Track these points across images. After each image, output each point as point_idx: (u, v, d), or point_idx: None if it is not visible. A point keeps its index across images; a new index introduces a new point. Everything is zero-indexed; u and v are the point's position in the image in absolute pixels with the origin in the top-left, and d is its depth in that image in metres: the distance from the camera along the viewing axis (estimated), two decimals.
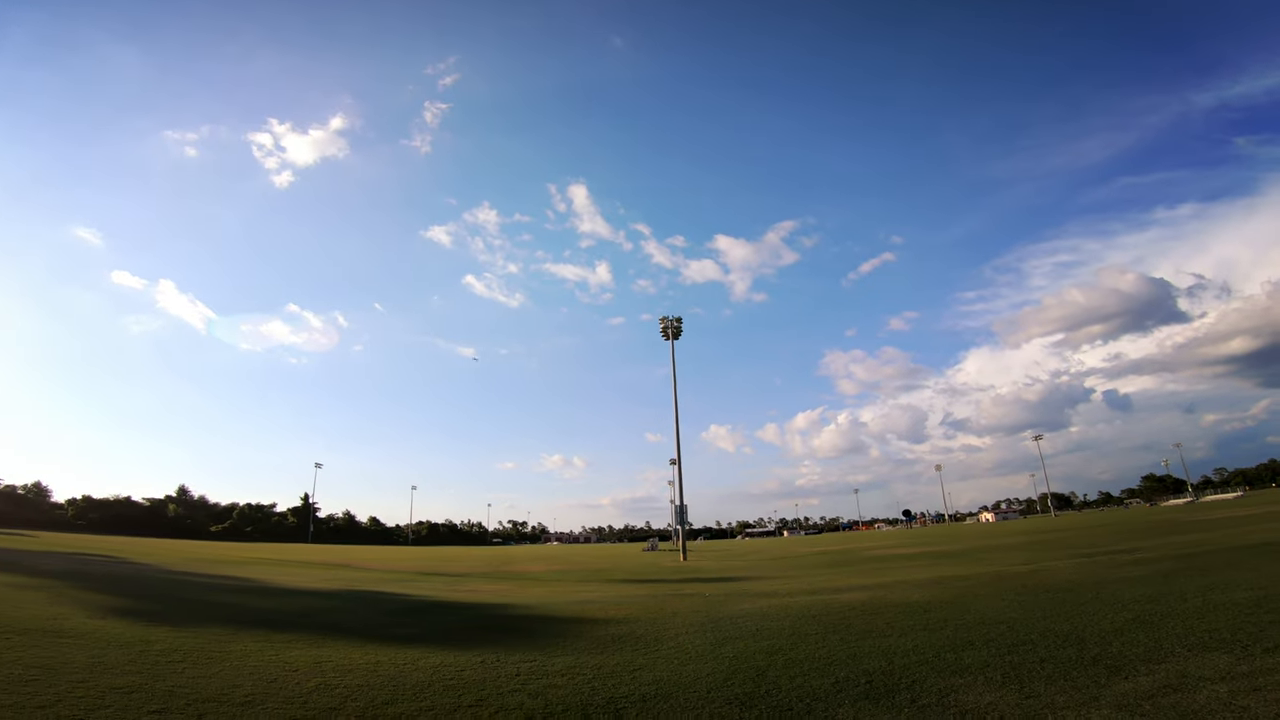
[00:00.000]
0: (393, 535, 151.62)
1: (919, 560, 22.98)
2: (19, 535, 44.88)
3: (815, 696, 5.31)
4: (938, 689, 5.37)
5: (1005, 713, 4.68)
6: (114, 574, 17.84)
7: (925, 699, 5.12)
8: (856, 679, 5.80)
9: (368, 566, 30.03)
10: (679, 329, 47.37)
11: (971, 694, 5.17)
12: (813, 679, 5.87)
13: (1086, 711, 4.61)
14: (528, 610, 12.01)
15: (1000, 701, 4.94)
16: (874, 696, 5.25)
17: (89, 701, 4.92)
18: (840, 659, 6.62)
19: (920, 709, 4.88)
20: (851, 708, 4.98)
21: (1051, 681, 5.40)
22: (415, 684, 5.93)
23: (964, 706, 4.87)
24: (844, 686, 5.58)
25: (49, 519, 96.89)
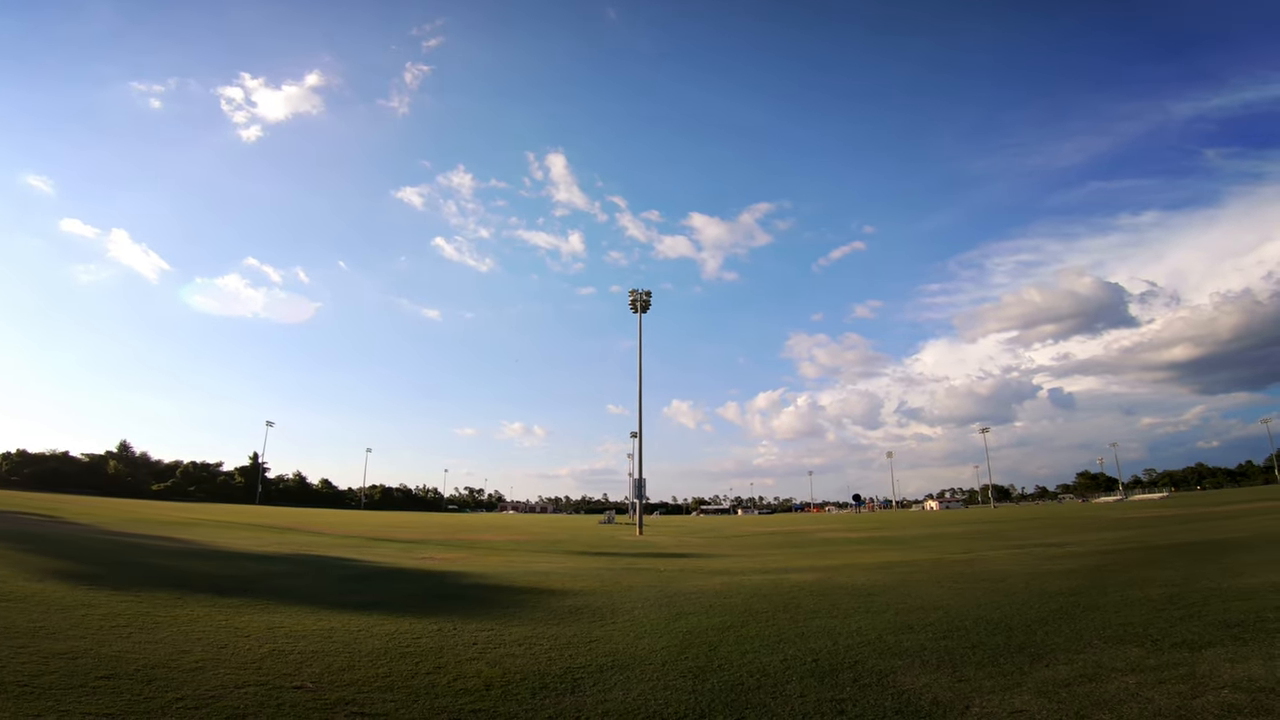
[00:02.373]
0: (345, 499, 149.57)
1: (866, 545, 23.83)
2: None
3: (765, 672, 5.57)
4: (878, 670, 5.68)
5: (938, 694, 5.00)
6: (51, 534, 17.28)
7: (866, 679, 5.41)
8: (804, 657, 6.09)
9: (319, 530, 29.67)
10: (648, 302, 47.33)
11: (909, 676, 5.50)
12: (763, 655, 6.14)
13: (1010, 696, 4.95)
14: (484, 579, 12.12)
15: (934, 684, 5.27)
16: (819, 675, 5.53)
17: (33, 667, 4.82)
18: (789, 637, 6.92)
19: (861, 688, 5.17)
20: (799, 684, 5.25)
21: (980, 666, 5.76)
22: (371, 651, 5.99)
23: (901, 687, 5.18)
24: (792, 664, 5.85)
25: None
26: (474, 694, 4.82)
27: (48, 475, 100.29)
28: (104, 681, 4.62)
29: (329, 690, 4.76)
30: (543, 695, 4.85)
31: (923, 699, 4.90)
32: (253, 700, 4.41)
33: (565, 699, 4.78)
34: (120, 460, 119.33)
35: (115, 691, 4.40)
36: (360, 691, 4.76)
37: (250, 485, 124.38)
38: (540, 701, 4.71)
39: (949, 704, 4.79)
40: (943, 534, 29.73)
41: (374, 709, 4.40)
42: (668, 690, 5.04)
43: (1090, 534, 23.97)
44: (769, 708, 4.68)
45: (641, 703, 4.73)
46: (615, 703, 4.72)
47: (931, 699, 4.89)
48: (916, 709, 4.69)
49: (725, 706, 4.68)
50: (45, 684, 4.45)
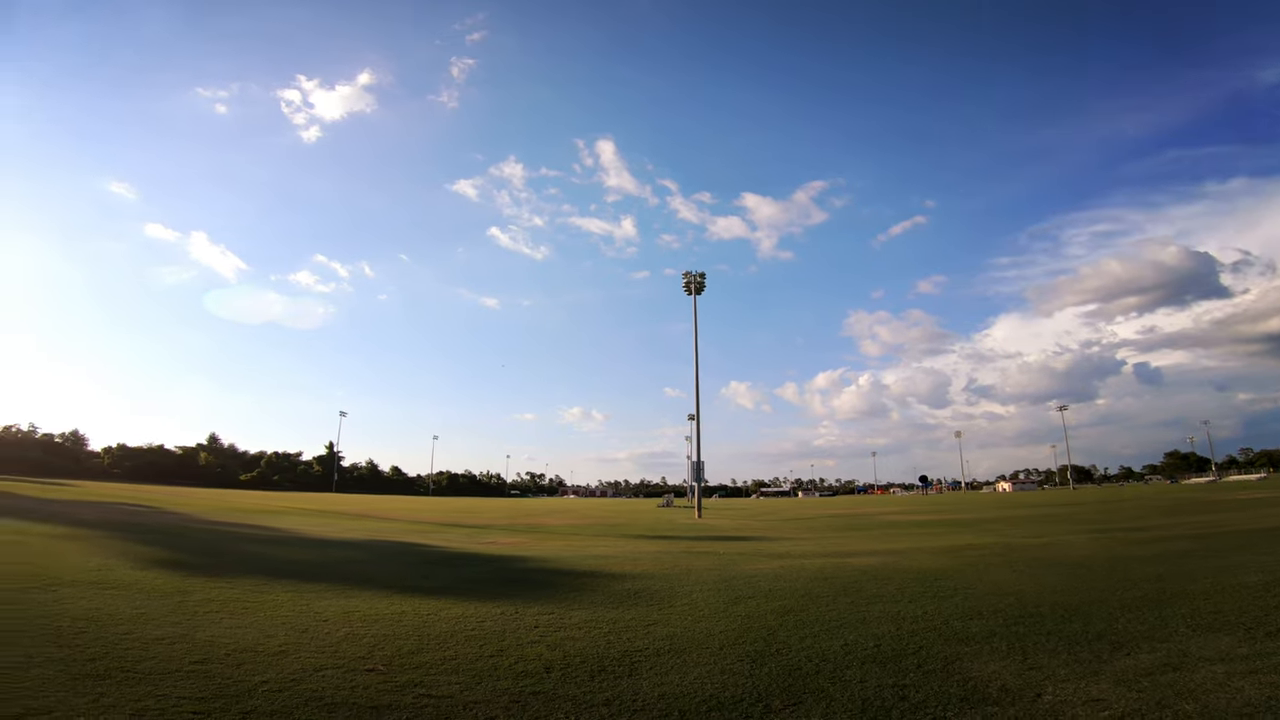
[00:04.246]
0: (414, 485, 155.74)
1: (932, 527, 23.15)
2: (59, 485, 46.93)
3: (824, 657, 5.50)
4: (944, 656, 5.52)
5: (1007, 681, 4.82)
6: (151, 524, 18.66)
7: (931, 665, 5.27)
8: (865, 642, 5.98)
9: (391, 517, 31.03)
10: (702, 284, 47.01)
11: (976, 662, 5.32)
12: (822, 640, 6.06)
13: (1085, 684, 4.72)
14: (545, 563, 12.41)
15: (1003, 671, 5.08)
16: (881, 660, 5.42)
17: (136, 653, 5.18)
18: (850, 622, 6.81)
19: (926, 674, 5.04)
20: (859, 669, 5.16)
21: (1055, 654, 5.52)
22: (438, 634, 6.23)
23: (968, 673, 5.02)
24: (853, 649, 5.76)
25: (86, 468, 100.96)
26: (534, 676, 4.96)
27: (145, 468, 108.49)
28: (198, 666, 4.95)
29: (399, 672, 4.98)
30: (601, 678, 4.94)
31: (991, 686, 4.74)
32: (330, 683, 4.66)
33: (623, 682, 4.86)
34: (210, 452, 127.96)
35: (207, 675, 4.72)
36: (428, 674, 4.97)
37: (327, 473, 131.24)
38: (598, 684, 4.80)
39: (1018, 691, 4.62)
40: (1016, 517, 28.54)
41: (440, 691, 4.58)
42: (725, 674, 5.04)
43: (1179, 517, 22.55)
44: (828, 693, 4.62)
45: (698, 686, 4.76)
46: (672, 686, 4.76)
47: (1000, 686, 4.73)
48: (984, 695, 4.55)
49: (783, 691, 4.65)
50: (145, 669, 4.79)
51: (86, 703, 3.98)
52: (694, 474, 45.96)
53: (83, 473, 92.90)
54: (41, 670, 4.55)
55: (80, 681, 4.37)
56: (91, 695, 4.11)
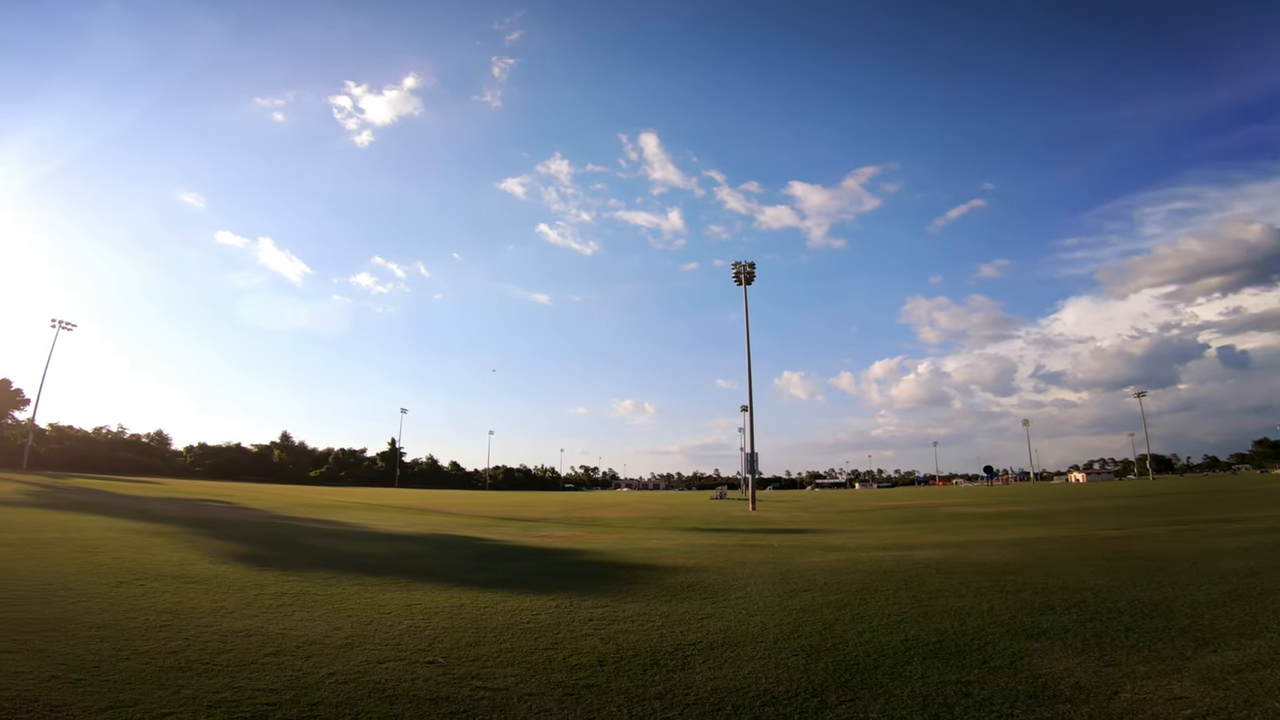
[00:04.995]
0: (472, 479, 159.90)
1: (999, 520, 22.26)
2: (146, 483, 50.24)
3: (883, 652, 5.35)
4: (1011, 652, 5.28)
5: (1082, 679, 4.57)
6: (228, 520, 19.75)
7: (997, 661, 5.06)
8: (927, 637, 5.78)
9: (450, 511, 31.93)
10: (752, 274, 46.40)
11: (1048, 659, 5.07)
12: (881, 635, 5.90)
13: (1168, 682, 4.44)
14: (599, 556, 12.52)
15: (1078, 668, 4.83)
16: (944, 656, 5.23)
17: (215, 645, 5.43)
18: (911, 616, 6.60)
19: (992, 670, 4.83)
20: (920, 665, 4.99)
21: (1134, 651, 5.21)
22: (495, 627, 6.34)
23: (1038, 671, 4.79)
24: (913, 644, 5.57)
25: (170, 466, 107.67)
26: (588, 669, 4.99)
27: (224, 465, 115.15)
28: (271, 658, 5.17)
29: (457, 665, 5.10)
30: (653, 671, 4.94)
31: (1063, 683, 4.51)
32: (391, 675, 4.81)
33: (675, 676, 4.84)
34: (283, 450, 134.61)
35: (280, 667, 4.93)
36: (484, 666, 5.07)
37: (390, 469, 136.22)
38: (650, 678, 4.79)
39: (1093, 689, 4.38)
40: (1091, 508, 27.16)
41: (496, 683, 4.66)
42: (779, 669, 4.96)
43: (1270, 509, 21.00)
44: (886, 688, 4.48)
45: (751, 681, 4.69)
46: (725, 680, 4.71)
47: (1073, 683, 4.49)
48: (1055, 693, 4.33)
49: (839, 686, 4.54)
50: (224, 661, 5.03)
51: (168, 695, 4.20)
52: (748, 466, 45.52)
53: (167, 470, 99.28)
54: (129, 663, 4.83)
55: (164, 674, 4.62)
56: (173, 687, 4.34)
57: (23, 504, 19.83)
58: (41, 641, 5.24)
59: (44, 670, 4.53)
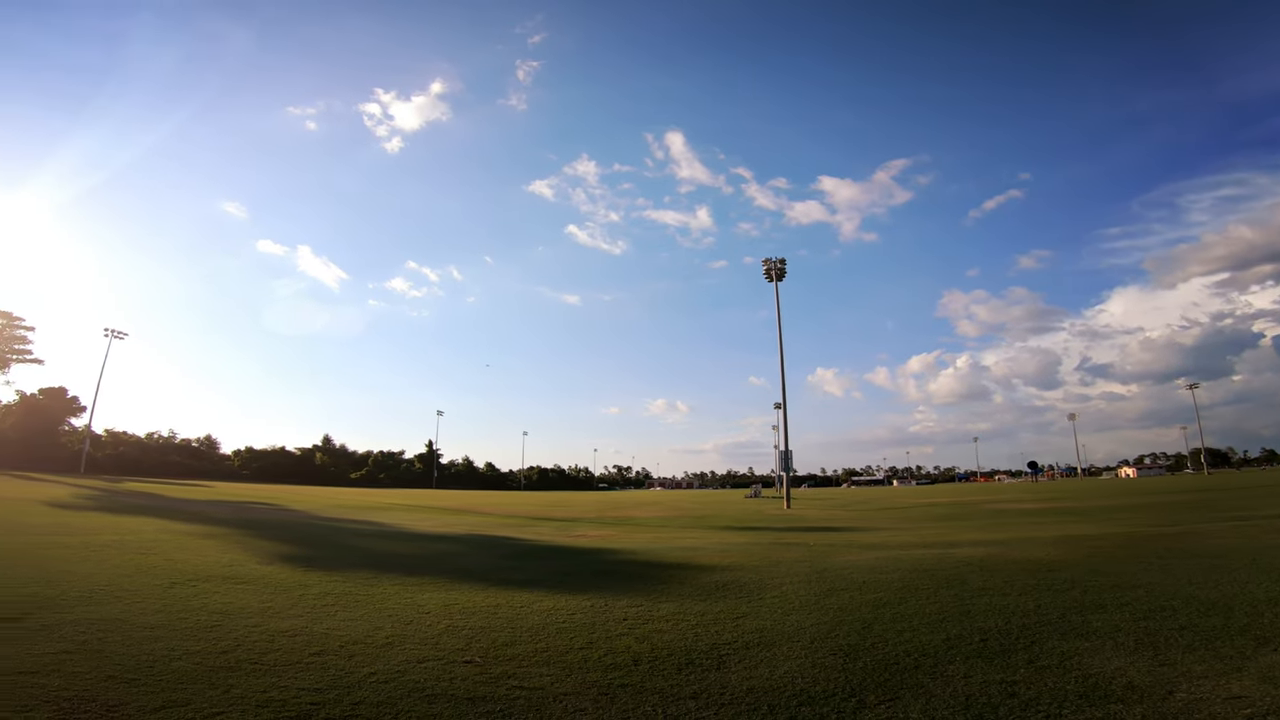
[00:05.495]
0: (507, 480, 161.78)
1: (1045, 516, 21.60)
2: (196, 485, 52.07)
3: (924, 652, 5.22)
4: (1060, 651, 5.11)
5: (1134, 678, 4.40)
6: (274, 521, 20.32)
7: (1045, 660, 4.90)
8: (969, 636, 5.63)
9: (486, 511, 32.36)
10: (783, 270, 45.93)
11: (1098, 658, 4.89)
12: (922, 634, 5.76)
13: (1226, 681, 4.24)
14: (633, 556, 12.53)
15: (1130, 667, 4.64)
16: (988, 655, 5.08)
17: (262, 645, 5.57)
18: (952, 615, 6.44)
19: (1038, 670, 4.68)
20: (963, 665, 4.86)
21: (1191, 650, 4.99)
22: (531, 626, 6.39)
23: (1088, 670, 4.62)
24: (955, 643, 5.44)
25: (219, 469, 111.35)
26: (623, 669, 4.99)
27: (269, 468, 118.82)
28: (315, 658, 5.28)
29: (493, 664, 5.15)
30: (688, 671, 4.91)
31: (1115, 683, 4.35)
32: (430, 674, 4.88)
33: (710, 675, 4.80)
34: (324, 452, 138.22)
35: (323, 667, 5.04)
36: (520, 666, 5.11)
37: (427, 470, 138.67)
38: (685, 677, 4.77)
39: (1147, 688, 4.21)
40: (1142, 504, 26.19)
41: (532, 683, 4.70)
42: (816, 669, 4.88)
43: None
44: (927, 688, 4.38)
45: (788, 681, 4.63)
46: (761, 680, 4.66)
47: (1125, 683, 4.33)
48: (1106, 693, 4.18)
49: (878, 686, 4.45)
50: (270, 661, 5.16)
51: (218, 694, 4.33)
52: (782, 463, 45.07)
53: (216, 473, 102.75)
54: (181, 663, 5.00)
55: (215, 674, 4.75)
56: (223, 687, 4.47)
57: (81, 507, 20.73)
58: (99, 642, 5.45)
59: (101, 670, 4.71)
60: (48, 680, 4.42)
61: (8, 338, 73.90)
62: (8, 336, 73.91)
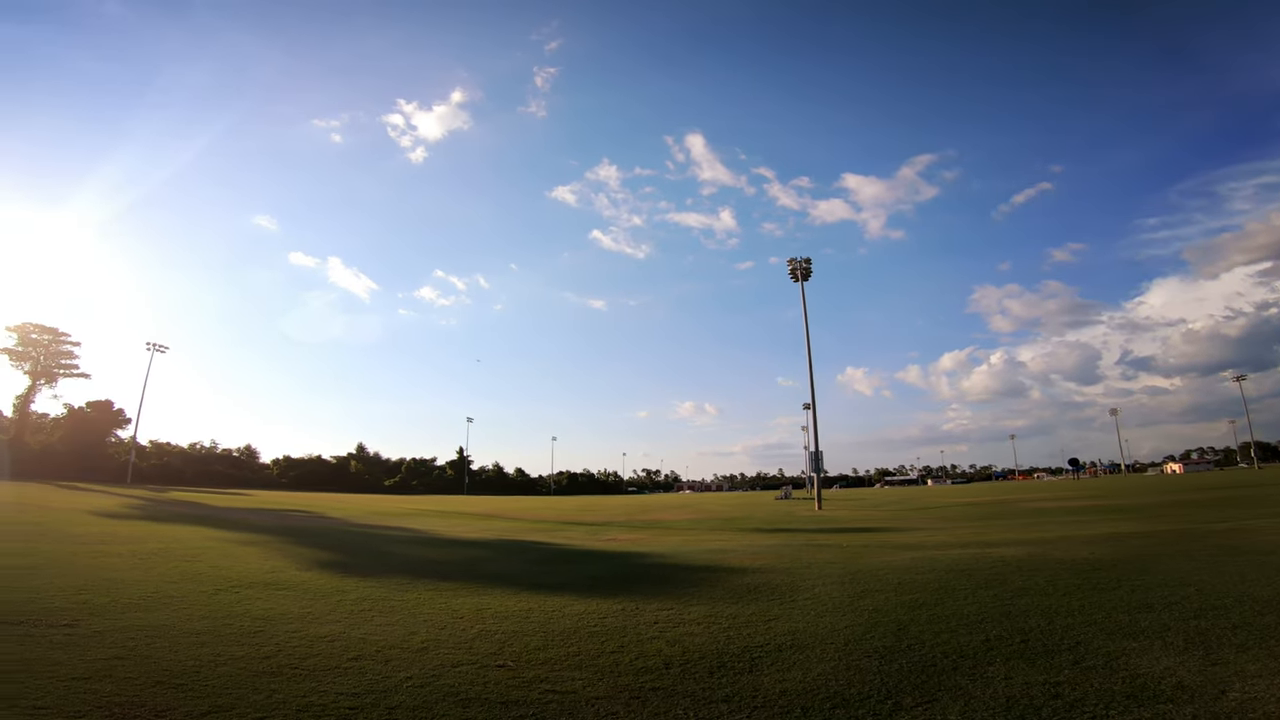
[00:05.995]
0: (536, 485, 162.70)
1: (1087, 514, 20.98)
2: (237, 494, 53.47)
3: (962, 653, 5.11)
4: (1106, 651, 4.96)
5: (1184, 678, 4.24)
6: (312, 528, 20.76)
7: (1090, 661, 4.76)
8: (1010, 637, 5.50)
9: (516, 516, 32.59)
10: (809, 270, 45.45)
11: (1146, 658, 4.73)
12: (960, 635, 5.64)
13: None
14: (664, 559, 12.49)
15: (1180, 667, 4.48)
16: (1030, 656, 4.95)
17: (302, 650, 5.69)
18: (992, 616, 6.29)
19: (1084, 670, 4.55)
20: (1003, 666, 4.75)
21: (1244, 649, 4.80)
22: (562, 630, 6.42)
23: (1136, 670, 4.47)
24: (995, 644, 5.31)
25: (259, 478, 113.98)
26: (654, 672, 4.98)
27: (306, 476, 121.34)
28: (353, 662, 5.38)
29: (526, 668, 5.19)
30: (720, 674, 4.88)
31: (1164, 683, 4.20)
32: (465, 678, 4.93)
33: (743, 678, 4.77)
34: (359, 460, 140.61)
35: (360, 672, 5.12)
36: (553, 669, 5.14)
37: (458, 477, 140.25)
38: (717, 680, 4.74)
39: (1198, 688, 4.07)
40: (1189, 501, 25.26)
41: (564, 686, 4.72)
42: (851, 670, 4.81)
43: None
44: (966, 690, 4.28)
45: (822, 683, 4.57)
46: (794, 682, 4.61)
47: (1175, 683, 4.19)
48: (1156, 693, 4.05)
49: (915, 689, 4.36)
50: (310, 666, 5.27)
51: (262, 699, 4.44)
52: (812, 464, 44.56)
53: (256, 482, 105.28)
54: (226, 668, 5.14)
55: (257, 679, 4.87)
56: (266, 691, 4.58)
57: (129, 517, 21.44)
58: (147, 647, 5.63)
59: (150, 676, 4.86)
60: (100, 685, 4.57)
61: (55, 353, 77.03)
62: (55, 352, 77.03)
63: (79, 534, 14.89)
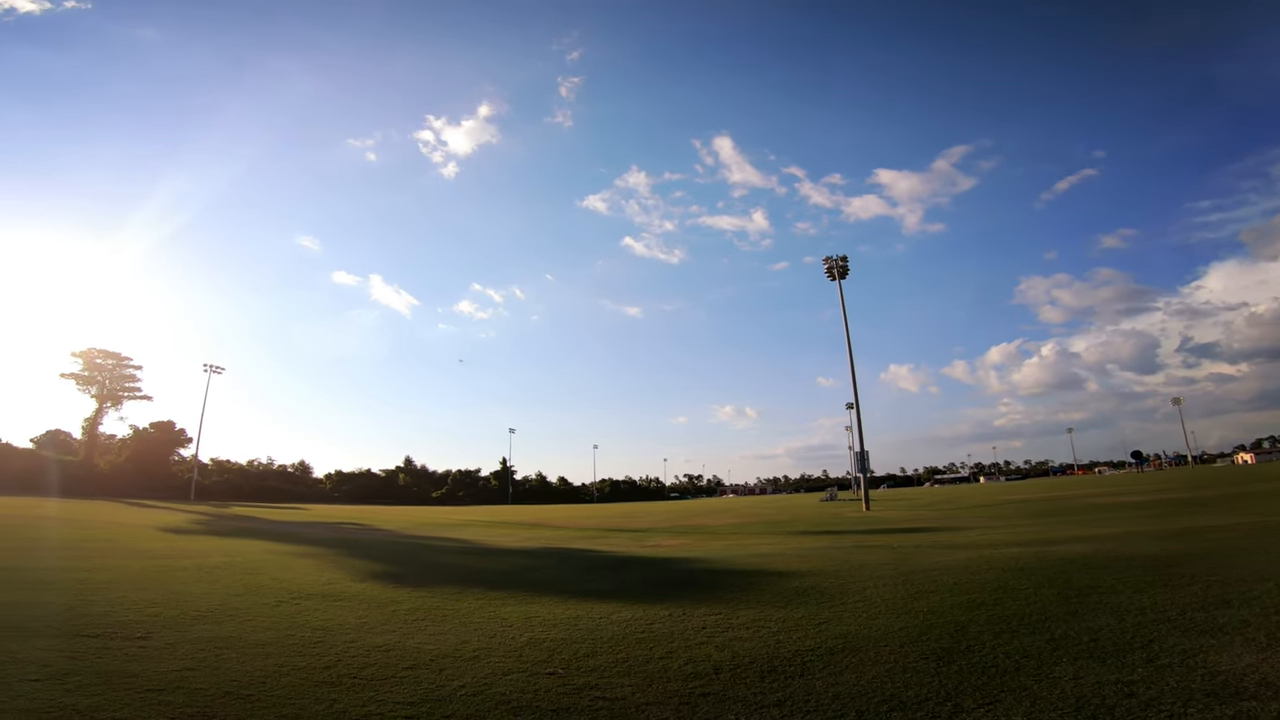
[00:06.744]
0: (579, 493, 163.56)
1: (1153, 508, 20.01)
2: (292, 508, 55.28)
3: (1026, 654, 4.92)
4: (1182, 649, 4.71)
5: (1269, 675, 4.00)
6: (365, 540, 21.29)
7: (1165, 659, 4.52)
8: (1078, 636, 5.27)
9: (560, 525, 32.81)
10: (845, 268, 44.70)
11: (1226, 655, 4.47)
12: (1023, 636, 5.43)
13: None
14: (709, 564, 12.40)
15: (1263, 664, 4.23)
16: (1099, 655, 4.74)
17: (360, 660, 5.80)
18: (1057, 615, 6.05)
19: (1158, 669, 4.32)
20: (1071, 666, 4.55)
21: None
22: (610, 637, 6.41)
23: (1215, 668, 4.23)
24: (1061, 644, 5.09)
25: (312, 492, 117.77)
26: (704, 678, 4.93)
27: (357, 490, 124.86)
28: (408, 671, 5.46)
29: (576, 675, 5.20)
30: (771, 679, 4.80)
31: (1246, 680, 3.98)
32: (515, 686, 4.97)
33: (794, 682, 4.68)
34: (407, 473, 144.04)
35: (416, 681, 5.19)
36: (602, 676, 5.13)
37: (502, 487, 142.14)
38: (769, 685, 4.66)
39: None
40: (1265, 492, 23.93)
41: (614, 693, 4.71)
42: (907, 673, 4.68)
43: None
44: (1031, 691, 4.11)
45: (877, 686, 4.45)
46: (848, 686, 4.50)
47: (1259, 680, 3.96)
48: (1238, 690, 3.84)
49: (976, 690, 4.21)
50: (368, 675, 5.36)
51: (323, 709, 4.54)
52: (858, 464, 43.67)
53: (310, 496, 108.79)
54: (289, 678, 5.27)
55: (319, 689, 4.98)
56: (327, 701, 4.68)
57: (194, 532, 22.37)
58: (216, 659, 5.83)
59: (219, 687, 5.02)
60: (172, 697, 4.74)
61: (118, 377, 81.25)
62: (118, 376, 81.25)
63: (148, 549, 15.60)
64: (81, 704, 4.51)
